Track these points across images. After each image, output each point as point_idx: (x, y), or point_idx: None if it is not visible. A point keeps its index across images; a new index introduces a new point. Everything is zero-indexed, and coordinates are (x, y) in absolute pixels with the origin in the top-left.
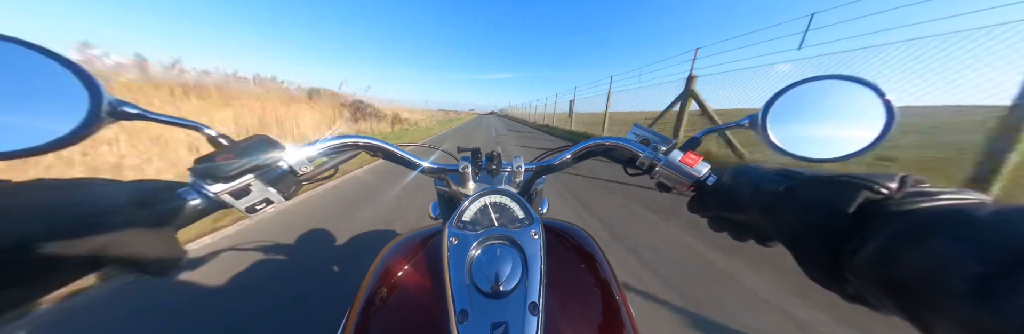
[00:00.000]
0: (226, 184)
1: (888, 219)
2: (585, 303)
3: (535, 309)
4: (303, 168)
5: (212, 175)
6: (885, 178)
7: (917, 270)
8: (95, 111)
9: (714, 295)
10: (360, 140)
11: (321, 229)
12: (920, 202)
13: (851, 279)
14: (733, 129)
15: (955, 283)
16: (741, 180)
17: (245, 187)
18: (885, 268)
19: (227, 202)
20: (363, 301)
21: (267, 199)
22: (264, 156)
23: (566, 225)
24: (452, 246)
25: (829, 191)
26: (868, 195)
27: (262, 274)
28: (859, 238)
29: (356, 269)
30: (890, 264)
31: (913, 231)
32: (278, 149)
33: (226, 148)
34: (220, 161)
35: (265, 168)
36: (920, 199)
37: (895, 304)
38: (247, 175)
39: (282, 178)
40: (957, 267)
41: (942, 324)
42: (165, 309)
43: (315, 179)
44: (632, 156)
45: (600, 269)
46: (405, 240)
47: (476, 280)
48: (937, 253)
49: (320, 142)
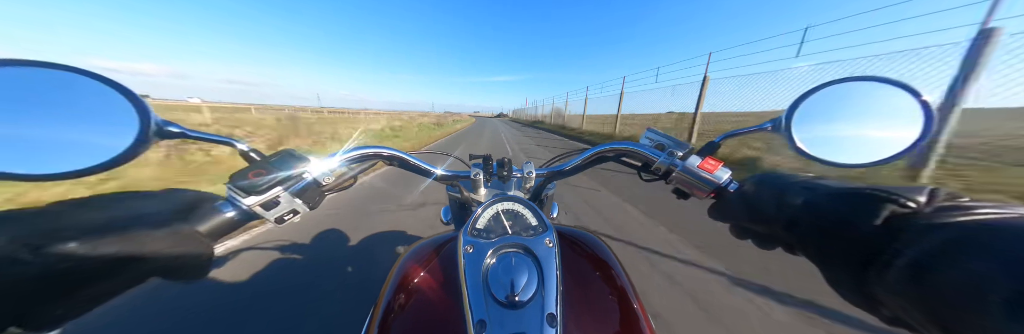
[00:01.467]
0: (258, 197)
1: (919, 234)
2: (603, 313)
3: (553, 321)
4: (326, 179)
5: (246, 189)
6: (913, 191)
7: (953, 287)
8: (144, 131)
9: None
10: (377, 150)
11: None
12: (955, 216)
13: (883, 298)
14: (755, 133)
15: (994, 301)
16: (763, 189)
17: (275, 199)
18: (917, 286)
19: (259, 214)
20: (383, 309)
21: (294, 210)
22: (291, 169)
23: (579, 232)
24: (467, 254)
25: (853, 205)
26: (894, 209)
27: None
28: (888, 254)
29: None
30: (923, 281)
31: (947, 247)
32: (303, 162)
33: (257, 163)
34: (252, 177)
35: (292, 180)
36: (955, 213)
37: (932, 323)
38: (277, 188)
39: (307, 189)
40: (995, 285)
41: None
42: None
43: (337, 189)
44: (647, 161)
45: (616, 277)
46: (420, 247)
47: (492, 290)
48: (974, 270)
49: (340, 153)
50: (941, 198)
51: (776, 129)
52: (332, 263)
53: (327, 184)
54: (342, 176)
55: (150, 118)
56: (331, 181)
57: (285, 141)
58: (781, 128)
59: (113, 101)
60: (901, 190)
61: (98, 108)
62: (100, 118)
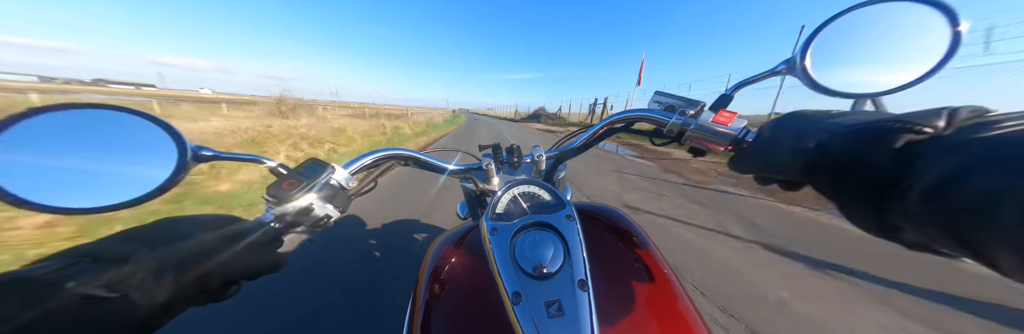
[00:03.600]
0: (293, 204)
1: (937, 157)
2: (632, 277)
3: (584, 285)
4: (350, 184)
5: (282, 199)
6: (929, 115)
7: (975, 204)
8: (182, 158)
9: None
10: (392, 153)
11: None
12: (977, 133)
13: (905, 226)
14: (768, 77)
15: (1009, 209)
16: (780, 135)
17: (309, 207)
18: (935, 208)
19: (297, 221)
20: (423, 297)
21: (327, 215)
22: (318, 177)
23: (600, 206)
24: (493, 236)
25: (865, 141)
26: (910, 137)
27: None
28: (904, 184)
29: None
30: (940, 203)
31: (969, 165)
32: (328, 169)
33: (286, 175)
34: (286, 187)
35: (321, 187)
36: (978, 130)
37: (958, 244)
38: (310, 195)
39: (335, 195)
40: (1011, 193)
41: (1010, 258)
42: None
43: (361, 192)
44: (659, 125)
45: (641, 244)
46: (445, 239)
47: (522, 264)
48: (997, 182)
49: (360, 159)
50: (962, 117)
51: (790, 69)
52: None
53: (351, 188)
54: (363, 180)
55: (186, 145)
56: (355, 185)
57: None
58: (796, 66)
59: (151, 133)
60: (915, 116)
61: (139, 141)
62: (142, 150)
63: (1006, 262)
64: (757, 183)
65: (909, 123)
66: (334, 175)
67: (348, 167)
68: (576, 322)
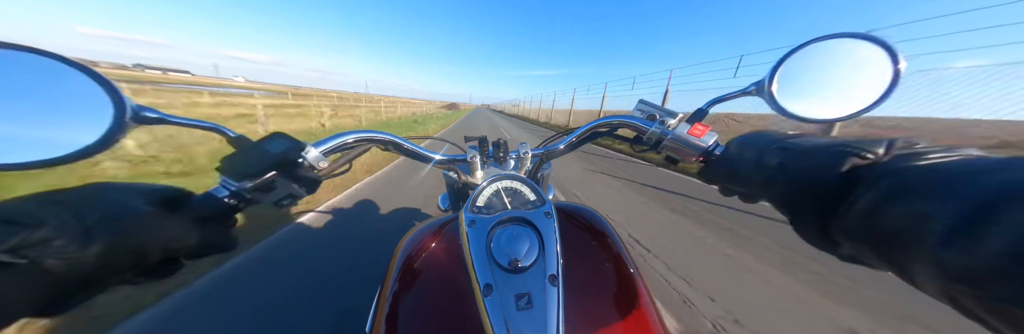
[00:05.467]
0: (251, 181)
1: (874, 181)
2: (600, 275)
3: (555, 280)
4: (321, 163)
5: (238, 173)
6: (872, 144)
7: (899, 225)
8: (120, 117)
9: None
10: (371, 135)
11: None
12: (909, 162)
13: (842, 240)
14: (739, 96)
15: (931, 234)
16: (744, 151)
17: (270, 183)
18: (871, 226)
19: (255, 198)
20: (392, 288)
21: (291, 194)
22: (283, 154)
23: (577, 206)
24: (470, 228)
25: (819, 161)
26: (856, 161)
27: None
28: (847, 203)
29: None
30: (875, 222)
31: (896, 191)
32: (296, 146)
33: (247, 148)
34: (244, 161)
35: (286, 165)
36: (910, 159)
37: (882, 259)
38: (270, 172)
39: (302, 174)
40: (933, 220)
41: (924, 272)
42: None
43: (333, 174)
44: (640, 132)
45: (613, 245)
46: (423, 228)
47: (496, 257)
48: (916, 207)
49: (335, 138)
50: (898, 146)
51: (759, 92)
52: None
53: (322, 168)
54: (337, 161)
55: (125, 104)
56: (326, 166)
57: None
58: (764, 89)
59: (83, 87)
60: (862, 143)
61: (66, 95)
62: (69, 106)
63: (921, 278)
64: (721, 194)
65: (856, 148)
66: (303, 153)
67: (320, 146)
68: (543, 315)
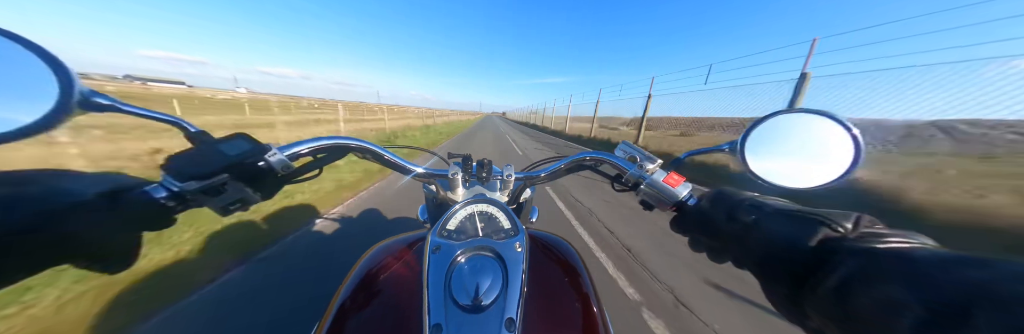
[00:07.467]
0: (199, 182)
1: (845, 257)
2: (563, 318)
3: (512, 325)
4: (284, 168)
5: (185, 172)
6: (842, 217)
7: (869, 309)
8: (65, 100)
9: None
10: (346, 141)
11: None
12: (872, 242)
13: (812, 314)
14: (714, 153)
15: (903, 325)
16: (718, 205)
17: (220, 186)
18: (841, 307)
19: (199, 201)
20: (337, 308)
21: (242, 199)
22: (242, 155)
23: (552, 237)
24: (433, 255)
25: (792, 227)
26: (827, 232)
27: None
28: (820, 275)
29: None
30: (845, 303)
31: (866, 271)
32: (258, 148)
33: (203, 145)
34: (194, 160)
35: (242, 167)
36: (873, 239)
37: None
38: (222, 174)
39: (261, 177)
40: (906, 310)
41: None
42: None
43: (298, 179)
44: (620, 172)
45: (582, 283)
46: (387, 245)
47: (454, 292)
48: (887, 294)
49: (305, 143)
50: (863, 224)
51: (732, 151)
52: None
53: (285, 173)
54: (306, 166)
55: (73, 86)
56: (290, 170)
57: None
58: (736, 151)
59: (28, 64)
60: (833, 215)
61: (12, 72)
62: (8, 83)
63: None
64: (690, 247)
65: (828, 219)
66: (266, 156)
67: (287, 150)
68: None
